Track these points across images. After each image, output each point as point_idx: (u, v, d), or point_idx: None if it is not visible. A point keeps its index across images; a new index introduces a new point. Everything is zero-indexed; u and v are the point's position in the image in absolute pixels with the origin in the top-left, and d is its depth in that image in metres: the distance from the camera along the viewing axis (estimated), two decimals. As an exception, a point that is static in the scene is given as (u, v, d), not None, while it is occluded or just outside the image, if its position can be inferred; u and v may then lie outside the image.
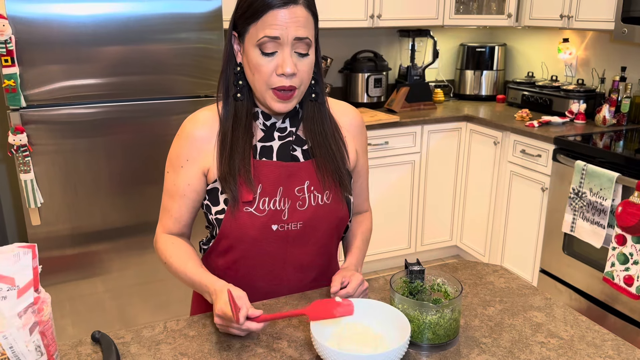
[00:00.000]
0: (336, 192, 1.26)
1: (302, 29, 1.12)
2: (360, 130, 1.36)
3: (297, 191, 1.23)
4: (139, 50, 2.44)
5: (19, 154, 2.31)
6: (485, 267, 1.43)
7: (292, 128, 1.26)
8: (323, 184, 1.24)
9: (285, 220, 1.22)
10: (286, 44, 1.11)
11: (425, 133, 3.32)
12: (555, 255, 2.84)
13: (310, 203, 1.24)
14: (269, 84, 1.14)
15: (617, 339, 1.11)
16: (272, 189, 1.21)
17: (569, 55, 3.44)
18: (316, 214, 1.24)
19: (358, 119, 1.36)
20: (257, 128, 1.24)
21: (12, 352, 0.86)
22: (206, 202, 1.26)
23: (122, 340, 1.11)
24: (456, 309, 1.07)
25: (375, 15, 3.31)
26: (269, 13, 1.10)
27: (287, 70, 1.11)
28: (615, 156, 2.48)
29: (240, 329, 1.07)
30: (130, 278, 2.68)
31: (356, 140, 1.34)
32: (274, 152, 1.24)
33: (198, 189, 1.25)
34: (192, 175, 1.24)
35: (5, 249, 0.88)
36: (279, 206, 1.21)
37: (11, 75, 2.23)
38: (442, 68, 4.05)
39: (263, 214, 1.21)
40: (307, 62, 1.16)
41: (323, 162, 1.25)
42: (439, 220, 3.56)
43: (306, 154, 1.26)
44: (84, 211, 2.51)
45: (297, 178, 1.23)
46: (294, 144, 1.26)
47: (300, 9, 1.11)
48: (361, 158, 1.36)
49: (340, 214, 1.27)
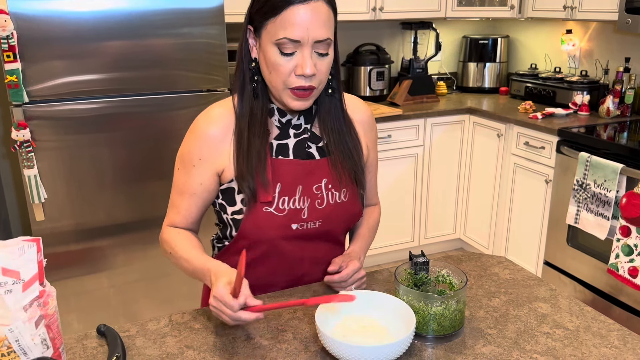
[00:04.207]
0: (352, 189, 1.25)
1: (323, 29, 1.08)
2: (371, 125, 1.35)
3: (315, 189, 1.22)
4: (141, 46, 2.43)
5: (22, 149, 2.32)
6: (489, 258, 1.43)
7: (307, 125, 1.24)
8: (340, 181, 1.23)
9: (304, 219, 1.21)
10: (306, 45, 1.08)
11: (428, 126, 3.31)
12: (559, 247, 2.84)
13: (328, 201, 1.23)
14: (287, 83, 1.12)
15: (623, 329, 1.11)
16: (292, 188, 1.20)
17: (572, 47, 3.42)
18: (334, 211, 1.24)
19: (368, 114, 1.34)
20: (273, 125, 1.22)
21: (18, 345, 0.86)
22: (220, 201, 1.24)
23: (127, 333, 1.11)
24: (461, 300, 1.07)
25: (377, 8, 3.30)
26: (289, 9, 1.06)
27: (307, 71, 1.09)
28: (620, 147, 2.47)
29: (231, 317, 1.01)
30: (135, 273, 2.68)
31: (367, 135, 1.33)
32: (290, 149, 1.22)
33: (210, 189, 1.23)
34: (205, 175, 1.21)
35: (10, 242, 0.89)
36: (299, 205, 1.20)
37: (13, 71, 2.23)
38: (445, 61, 4.03)
39: (283, 214, 1.19)
40: (327, 62, 1.13)
41: (340, 159, 1.23)
42: (443, 214, 3.56)
43: (321, 151, 1.24)
44: (87, 206, 2.51)
45: (315, 176, 1.22)
46: (309, 140, 1.24)
47: (321, 5, 1.08)
48: (372, 153, 1.35)
49: (355, 210, 1.28)
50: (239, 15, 2.96)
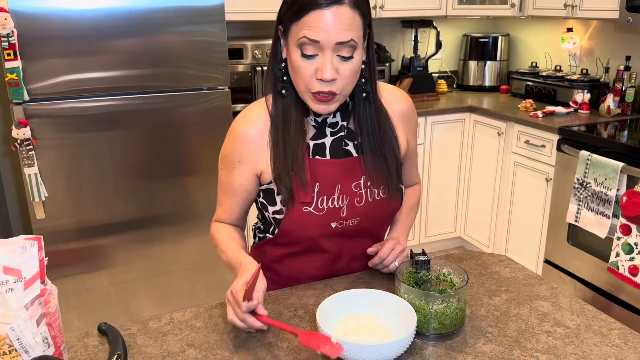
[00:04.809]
0: (391, 185, 1.25)
1: (345, 32, 1.07)
2: (411, 115, 1.33)
3: (354, 187, 1.22)
4: (141, 44, 2.43)
5: (22, 147, 2.32)
6: (490, 257, 1.43)
7: (344, 122, 1.24)
8: (378, 178, 1.24)
9: (343, 217, 1.22)
10: (327, 48, 1.07)
11: (428, 124, 3.31)
12: (559, 245, 2.84)
13: (367, 198, 1.24)
14: (309, 87, 1.12)
15: (624, 327, 1.11)
16: (330, 187, 1.21)
17: (573, 45, 3.42)
18: (373, 208, 1.25)
19: (408, 104, 1.33)
20: (309, 125, 1.22)
21: (19, 343, 0.86)
22: (261, 200, 1.26)
23: (128, 331, 1.11)
24: (462, 299, 1.07)
25: (378, 6, 3.29)
26: (311, 13, 1.06)
27: (326, 76, 1.08)
28: (620, 146, 2.47)
29: (238, 315, 1.01)
30: (136, 271, 2.68)
31: (408, 126, 1.32)
32: (327, 149, 1.22)
33: (250, 189, 1.26)
34: (244, 176, 1.24)
35: (11, 241, 0.89)
36: (338, 204, 1.21)
37: (14, 69, 2.23)
38: (445, 59, 4.03)
39: (322, 213, 1.21)
40: (351, 66, 1.10)
41: (377, 157, 1.23)
42: (443, 212, 3.56)
43: (358, 148, 1.24)
44: (88, 205, 2.51)
45: (353, 174, 1.23)
46: (346, 138, 1.24)
47: (345, 10, 1.06)
48: (411, 142, 1.35)
49: (394, 205, 1.28)
50: (240, 13, 2.98)
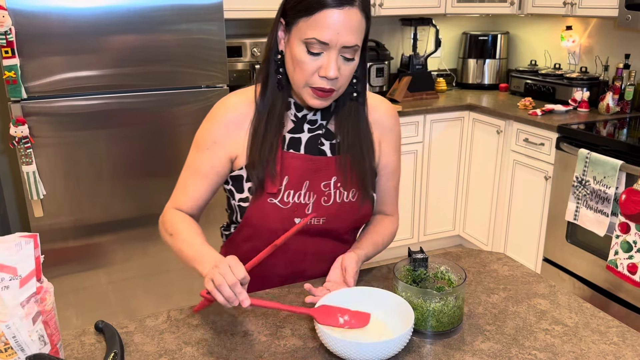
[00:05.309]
0: (363, 190, 1.25)
1: (353, 35, 1.09)
2: (391, 128, 1.32)
3: (323, 186, 1.22)
4: (140, 42, 2.42)
5: (20, 145, 2.31)
6: (488, 255, 1.43)
7: (323, 121, 1.25)
8: (350, 181, 1.23)
9: (308, 215, 1.22)
10: (334, 48, 1.09)
11: (427, 122, 3.31)
12: (558, 244, 2.84)
13: (335, 199, 1.23)
14: (309, 82, 1.13)
15: (622, 325, 1.11)
16: (298, 182, 1.21)
17: (572, 43, 3.41)
18: (340, 210, 1.24)
19: (389, 116, 1.32)
20: (288, 118, 1.24)
21: (15, 341, 0.86)
22: (229, 187, 1.26)
23: (125, 329, 1.11)
24: (460, 297, 1.07)
25: (377, 4, 3.29)
26: (323, 12, 1.07)
27: (330, 74, 1.10)
28: (619, 144, 2.47)
29: (231, 283, 0.97)
30: (134, 270, 2.68)
31: (385, 137, 1.31)
32: (302, 144, 1.23)
33: (221, 173, 1.25)
34: (217, 159, 1.23)
35: (7, 238, 0.88)
36: (304, 200, 1.21)
37: (12, 67, 2.22)
38: (445, 57, 4.03)
39: (287, 207, 1.20)
40: (351, 67, 1.14)
41: (352, 160, 1.23)
42: (442, 210, 3.55)
43: (334, 148, 1.25)
44: (86, 203, 2.51)
45: (324, 173, 1.23)
46: (323, 137, 1.25)
47: (355, 12, 1.09)
48: (387, 156, 1.33)
49: (364, 211, 1.27)
50: (238, 11, 2.98)
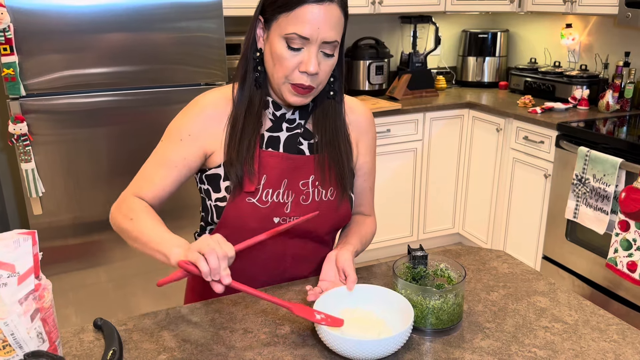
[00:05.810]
0: (340, 189, 1.25)
1: (333, 31, 1.10)
2: (367, 129, 1.33)
3: (301, 185, 1.22)
4: (139, 39, 2.42)
5: (19, 143, 2.31)
6: (488, 252, 1.43)
7: (301, 120, 1.25)
8: (328, 180, 1.23)
9: (287, 214, 1.21)
10: (314, 44, 1.10)
11: (427, 120, 3.31)
12: (558, 241, 2.83)
13: (314, 198, 1.23)
14: (289, 78, 1.13)
15: (622, 323, 1.11)
16: (277, 181, 1.20)
17: (572, 41, 3.41)
18: (319, 209, 1.23)
19: (365, 118, 1.33)
20: (266, 117, 1.23)
21: (13, 339, 0.86)
22: (206, 187, 1.24)
23: (124, 327, 1.11)
24: (459, 294, 1.07)
25: (376, 1, 3.28)
26: (303, 7, 1.08)
27: (311, 69, 1.10)
28: (619, 142, 2.46)
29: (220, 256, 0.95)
30: (133, 267, 2.68)
31: (361, 138, 1.32)
32: (281, 143, 1.23)
33: (192, 166, 1.22)
34: (191, 151, 1.20)
35: (5, 235, 0.88)
36: (282, 199, 1.20)
37: (10, 64, 2.22)
38: (444, 55, 4.02)
39: (265, 206, 1.19)
40: (331, 63, 1.15)
41: (330, 159, 1.23)
42: (442, 208, 3.55)
43: (312, 147, 1.25)
44: (85, 200, 2.50)
45: (303, 172, 1.22)
46: (301, 136, 1.24)
47: (334, 8, 1.10)
48: (364, 158, 1.33)
49: (343, 211, 1.27)
50: (237, 8, 2.97)
